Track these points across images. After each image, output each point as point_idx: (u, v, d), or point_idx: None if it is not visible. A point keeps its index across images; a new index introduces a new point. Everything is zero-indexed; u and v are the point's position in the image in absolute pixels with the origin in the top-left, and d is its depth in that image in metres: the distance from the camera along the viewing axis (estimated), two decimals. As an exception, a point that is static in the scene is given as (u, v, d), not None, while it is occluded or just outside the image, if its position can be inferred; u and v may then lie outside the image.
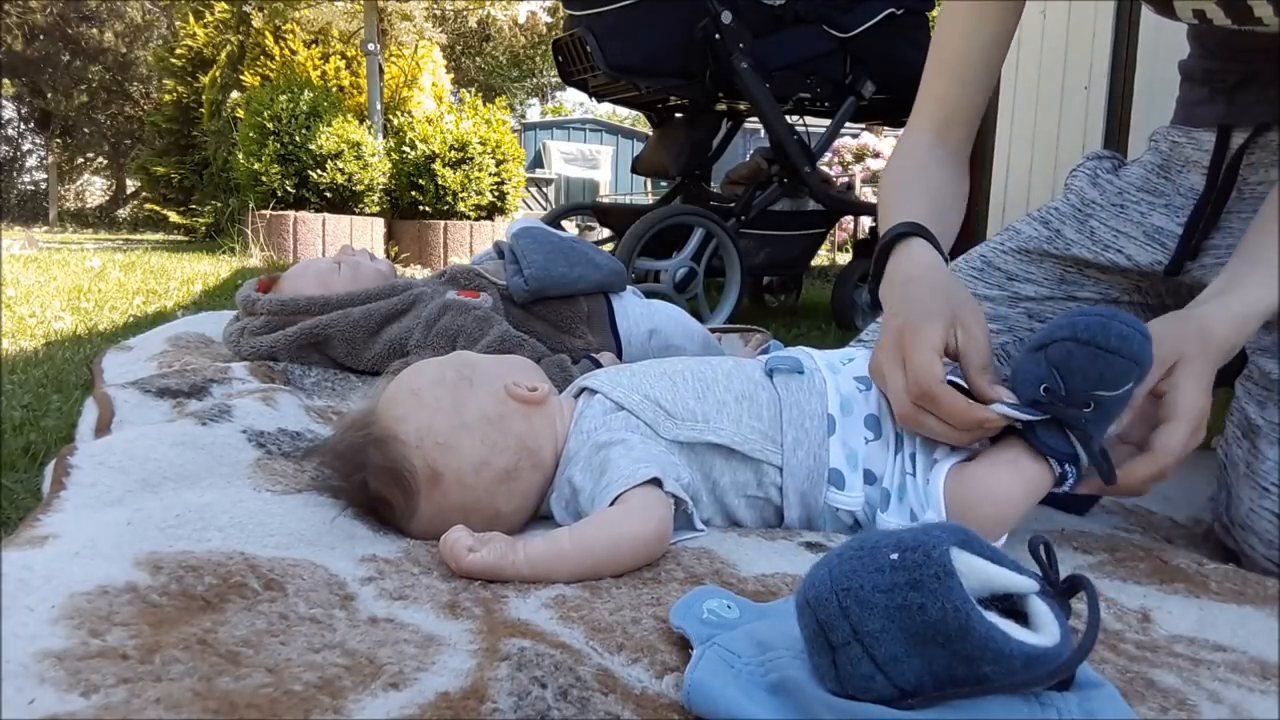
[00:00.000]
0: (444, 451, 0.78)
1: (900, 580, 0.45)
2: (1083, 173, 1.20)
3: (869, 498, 0.82)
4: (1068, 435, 0.74)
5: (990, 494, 0.76)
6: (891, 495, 0.81)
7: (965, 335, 0.80)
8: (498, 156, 5.69)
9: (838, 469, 0.82)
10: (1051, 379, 0.73)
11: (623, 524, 0.72)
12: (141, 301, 2.58)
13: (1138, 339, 0.70)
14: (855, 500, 0.82)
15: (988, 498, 0.76)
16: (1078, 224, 1.15)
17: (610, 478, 0.75)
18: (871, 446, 0.83)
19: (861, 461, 0.82)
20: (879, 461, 0.82)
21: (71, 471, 0.77)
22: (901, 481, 0.81)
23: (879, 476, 0.82)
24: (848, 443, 0.83)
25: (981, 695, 0.45)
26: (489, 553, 0.69)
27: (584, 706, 0.49)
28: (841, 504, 0.82)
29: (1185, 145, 1.11)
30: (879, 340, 0.85)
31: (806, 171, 2.65)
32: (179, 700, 0.46)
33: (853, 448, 0.83)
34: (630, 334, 1.53)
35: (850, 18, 2.65)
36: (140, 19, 13.78)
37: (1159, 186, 1.13)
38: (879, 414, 0.84)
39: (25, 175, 15.79)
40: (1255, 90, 1.04)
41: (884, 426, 0.84)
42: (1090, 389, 0.71)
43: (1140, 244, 1.10)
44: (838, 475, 0.82)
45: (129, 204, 13.73)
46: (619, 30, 2.54)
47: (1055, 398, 0.73)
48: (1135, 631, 0.67)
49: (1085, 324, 0.71)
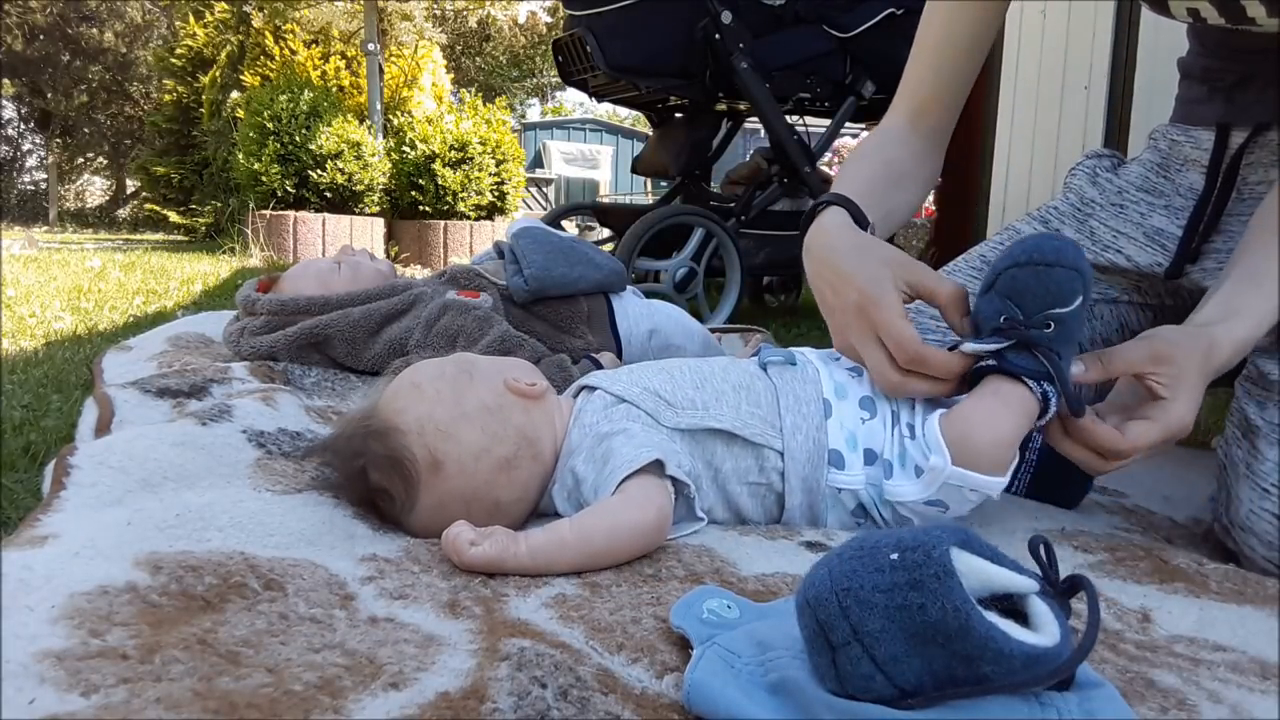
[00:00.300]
0: (444, 439, 0.79)
1: (900, 580, 0.45)
2: (1082, 171, 1.20)
3: (870, 477, 0.83)
4: (1037, 356, 0.77)
5: (983, 423, 0.78)
6: (894, 464, 0.83)
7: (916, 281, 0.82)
8: (498, 156, 5.69)
9: (837, 450, 0.84)
10: (1007, 308, 0.77)
11: (622, 513, 0.73)
12: (141, 301, 2.58)
13: (1070, 248, 0.75)
14: (856, 480, 0.83)
15: (982, 426, 0.78)
16: (1077, 224, 1.15)
17: (614, 465, 0.76)
18: (869, 425, 0.84)
19: (861, 441, 0.84)
20: (877, 439, 0.84)
21: (71, 471, 0.77)
22: (902, 448, 0.83)
23: (879, 453, 0.84)
24: (845, 424, 0.84)
25: (981, 695, 0.45)
26: (491, 546, 0.69)
27: (584, 706, 0.49)
28: (843, 484, 0.84)
29: (1185, 144, 1.11)
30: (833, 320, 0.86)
31: (806, 171, 2.65)
32: (179, 700, 0.46)
33: (850, 429, 0.84)
34: (630, 334, 1.53)
35: (850, 18, 2.65)
36: (140, 19, 13.78)
37: (1159, 186, 1.13)
38: (873, 395, 0.86)
39: (25, 175, 15.80)
40: (1254, 89, 1.04)
41: (878, 405, 0.85)
42: (1044, 307, 0.75)
43: (1140, 245, 1.10)
44: (837, 456, 0.84)
45: (129, 204, 13.74)
46: (619, 30, 2.54)
47: (1016, 323, 0.76)
48: (1135, 631, 0.67)
49: (1021, 248, 0.76)
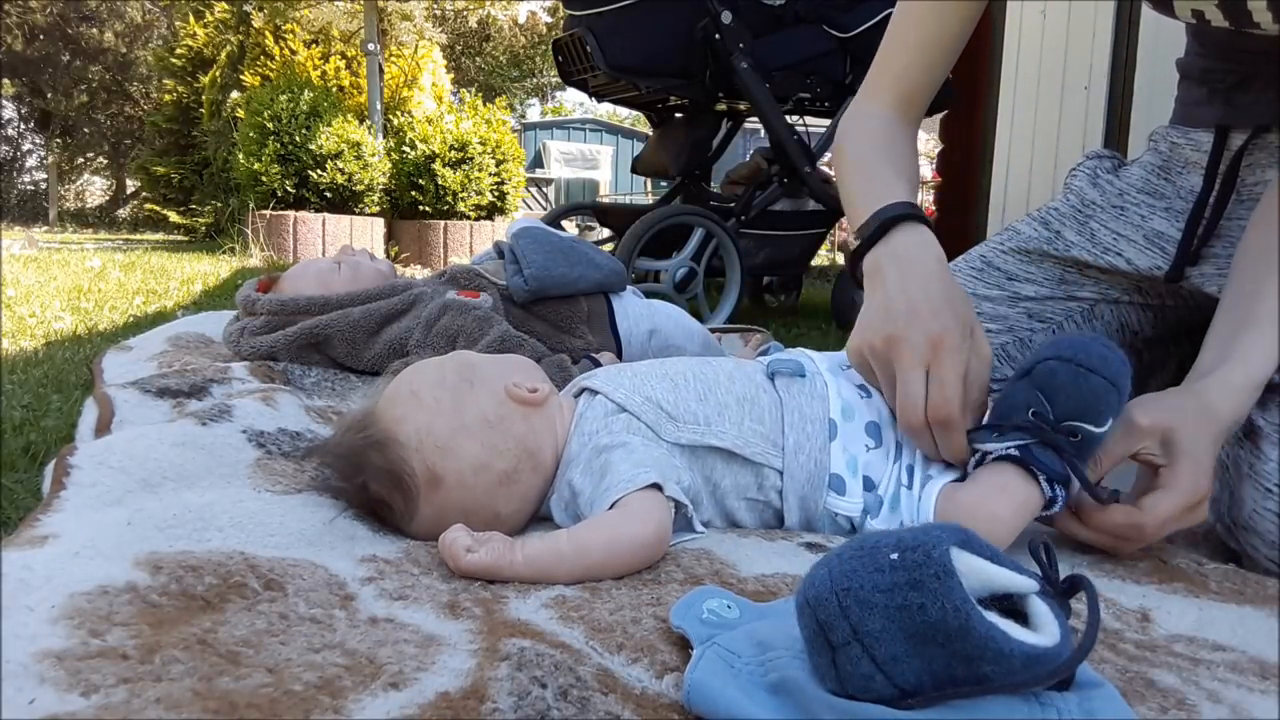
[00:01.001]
0: (443, 455, 0.78)
1: (900, 580, 0.45)
2: (1083, 172, 1.19)
3: (867, 504, 0.82)
4: (1061, 457, 0.75)
5: (983, 518, 0.74)
6: (884, 503, 0.82)
7: (977, 361, 0.81)
8: (498, 156, 5.69)
9: (839, 474, 0.82)
10: (1038, 402, 0.75)
11: (621, 527, 0.72)
12: (141, 301, 2.58)
13: (1116, 360, 0.74)
14: (855, 506, 0.82)
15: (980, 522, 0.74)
16: (1078, 225, 1.15)
17: (610, 481, 0.75)
18: (872, 454, 0.83)
19: (861, 468, 0.82)
20: (878, 469, 0.83)
21: (71, 471, 0.77)
22: (896, 491, 0.81)
23: (876, 484, 0.82)
24: (849, 449, 0.83)
25: (981, 695, 0.45)
26: (487, 553, 0.69)
27: (584, 706, 0.49)
28: (841, 509, 0.82)
29: (1184, 146, 1.11)
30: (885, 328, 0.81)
31: (806, 171, 2.65)
32: (179, 700, 0.46)
33: (853, 454, 0.83)
34: (630, 334, 1.53)
35: (850, 18, 2.65)
36: (140, 19, 13.78)
37: (1159, 188, 1.13)
38: (880, 421, 0.84)
39: (25, 175, 15.80)
40: (1254, 91, 1.04)
41: (884, 434, 0.84)
42: (1074, 415, 0.74)
43: (1140, 248, 1.10)
44: (838, 480, 0.82)
45: (129, 204, 13.74)
46: (619, 30, 2.54)
47: (1043, 420, 0.74)
48: (1135, 631, 0.67)
49: (1067, 344, 0.75)
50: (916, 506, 0.80)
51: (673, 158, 2.92)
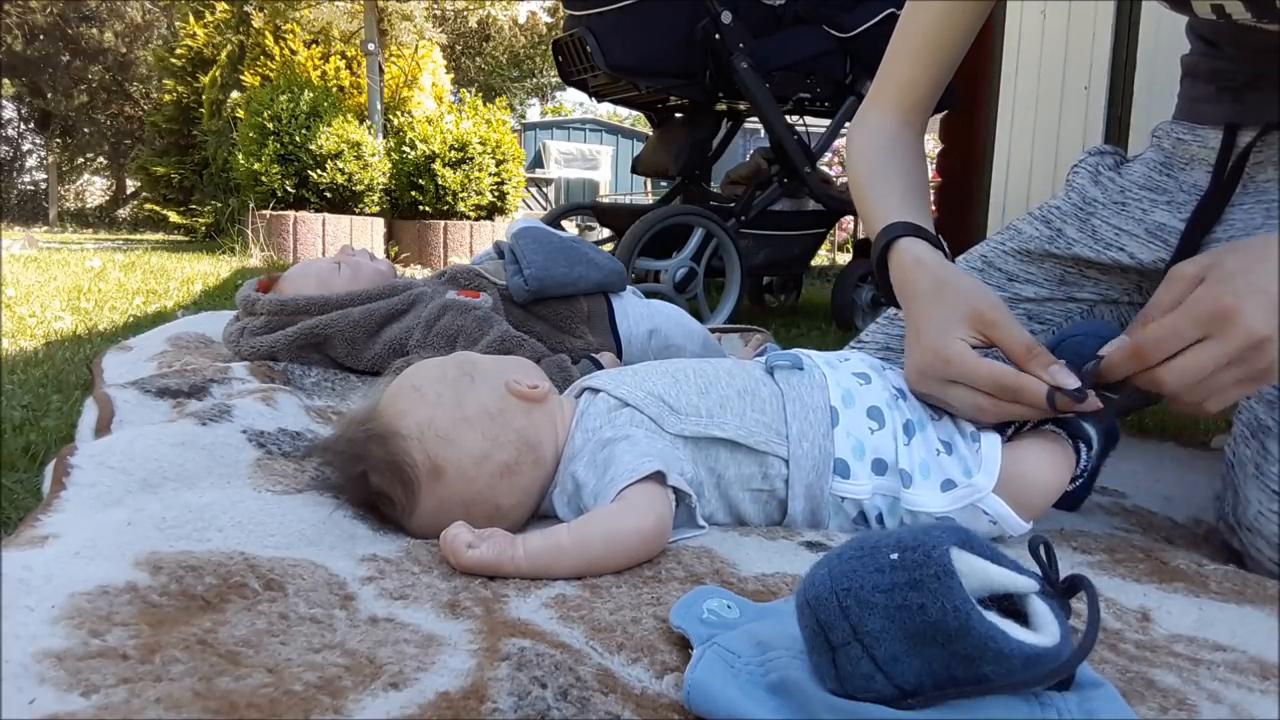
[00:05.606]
0: (445, 445, 0.79)
1: (900, 580, 0.45)
2: (1084, 169, 1.19)
3: (880, 487, 0.83)
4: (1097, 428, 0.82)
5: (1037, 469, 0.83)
6: (914, 474, 0.83)
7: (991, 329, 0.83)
8: (498, 156, 5.69)
9: (843, 459, 0.83)
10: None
11: (620, 520, 0.73)
12: (141, 301, 2.58)
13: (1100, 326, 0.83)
14: (862, 489, 0.83)
15: (1036, 471, 0.83)
16: (1079, 222, 1.15)
17: (614, 473, 0.76)
18: (879, 436, 0.84)
19: (869, 451, 0.84)
20: (888, 450, 0.83)
21: (71, 471, 0.77)
22: (924, 460, 0.83)
23: (890, 463, 0.83)
24: (852, 433, 0.84)
25: (981, 695, 0.45)
26: (488, 549, 0.69)
27: (584, 706, 0.49)
28: (847, 493, 0.83)
29: (1190, 142, 1.11)
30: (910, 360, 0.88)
31: (806, 171, 2.65)
32: (179, 700, 0.46)
33: (858, 438, 0.84)
34: (630, 334, 1.53)
35: (850, 18, 2.65)
36: (140, 19, 13.78)
37: (1162, 184, 1.12)
38: (880, 404, 0.85)
39: (25, 175, 15.81)
40: (1264, 89, 1.04)
41: (886, 415, 0.85)
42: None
43: (1143, 242, 1.10)
44: (842, 465, 0.83)
45: (129, 204, 13.75)
46: (619, 30, 2.54)
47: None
48: (1135, 631, 0.67)
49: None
50: (969, 458, 0.83)
51: (673, 158, 2.92)
